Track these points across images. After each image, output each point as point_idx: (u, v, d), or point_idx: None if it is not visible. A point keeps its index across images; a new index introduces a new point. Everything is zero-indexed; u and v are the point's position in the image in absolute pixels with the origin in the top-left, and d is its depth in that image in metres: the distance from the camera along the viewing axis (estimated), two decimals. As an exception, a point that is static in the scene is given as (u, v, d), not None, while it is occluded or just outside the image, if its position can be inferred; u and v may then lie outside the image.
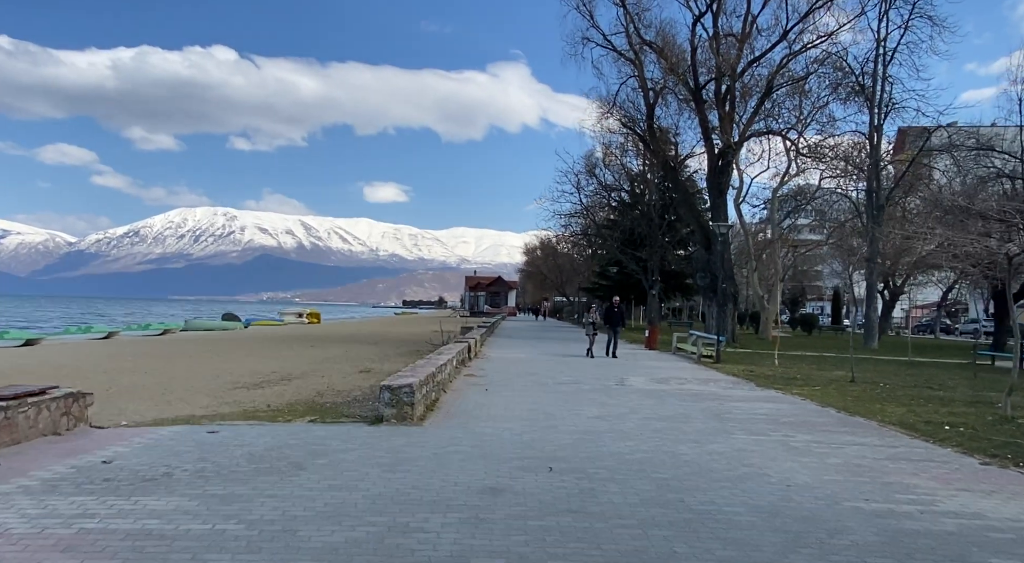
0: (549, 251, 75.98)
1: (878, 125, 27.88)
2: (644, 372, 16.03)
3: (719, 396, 11.89)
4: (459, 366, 14.96)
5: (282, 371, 19.17)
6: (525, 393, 11.58)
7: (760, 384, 13.95)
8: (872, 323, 28.34)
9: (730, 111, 25.76)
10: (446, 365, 12.08)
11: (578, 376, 14.69)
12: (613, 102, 30.98)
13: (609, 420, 8.99)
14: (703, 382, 14.18)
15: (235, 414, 10.59)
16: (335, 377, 17.89)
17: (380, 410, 8.24)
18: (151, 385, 15.54)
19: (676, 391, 12.48)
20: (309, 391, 14.52)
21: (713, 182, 26.41)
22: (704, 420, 9.20)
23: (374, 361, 22.71)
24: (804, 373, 16.67)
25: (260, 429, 7.89)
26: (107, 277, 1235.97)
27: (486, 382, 13.08)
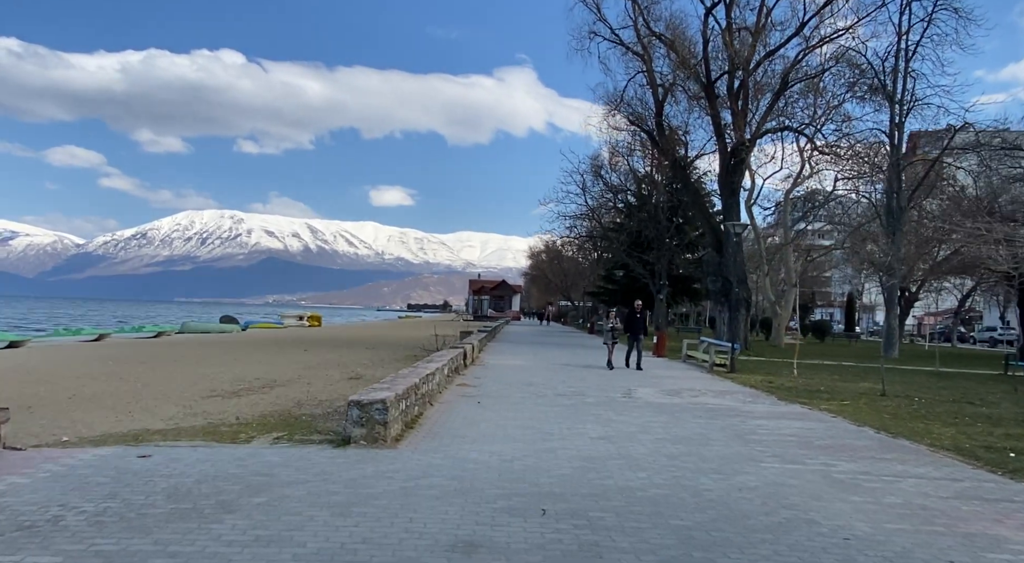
0: (554, 254, 74.72)
1: (899, 122, 26.51)
2: (653, 382, 14.77)
3: (739, 412, 10.62)
4: (452, 375, 13.75)
5: (267, 377, 18.07)
6: (521, 407, 10.35)
7: (782, 397, 12.67)
8: (892, 331, 26.94)
9: (743, 107, 24.51)
10: (434, 374, 10.87)
11: (581, 387, 13.45)
12: (620, 99, 29.81)
13: (616, 442, 7.75)
14: (719, 395, 12.91)
15: (195, 430, 9.45)
16: (320, 384, 16.75)
17: (347, 430, 7.02)
18: (120, 393, 14.43)
19: (690, 405, 11.22)
20: (288, 401, 13.36)
21: (725, 181, 25.14)
22: (726, 442, 7.94)
23: (367, 367, 21.55)
24: (827, 385, 15.37)
25: (203, 453, 6.68)
26: (114, 279, 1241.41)
27: (480, 393, 11.86)
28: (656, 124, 28.10)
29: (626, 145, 35.83)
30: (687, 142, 30.28)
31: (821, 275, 74.56)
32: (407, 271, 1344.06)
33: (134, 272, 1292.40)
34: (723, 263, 25.29)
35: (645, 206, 42.77)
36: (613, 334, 18.23)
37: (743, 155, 24.29)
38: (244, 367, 21.08)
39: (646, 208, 42.54)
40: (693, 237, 42.93)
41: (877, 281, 51.10)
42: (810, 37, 25.39)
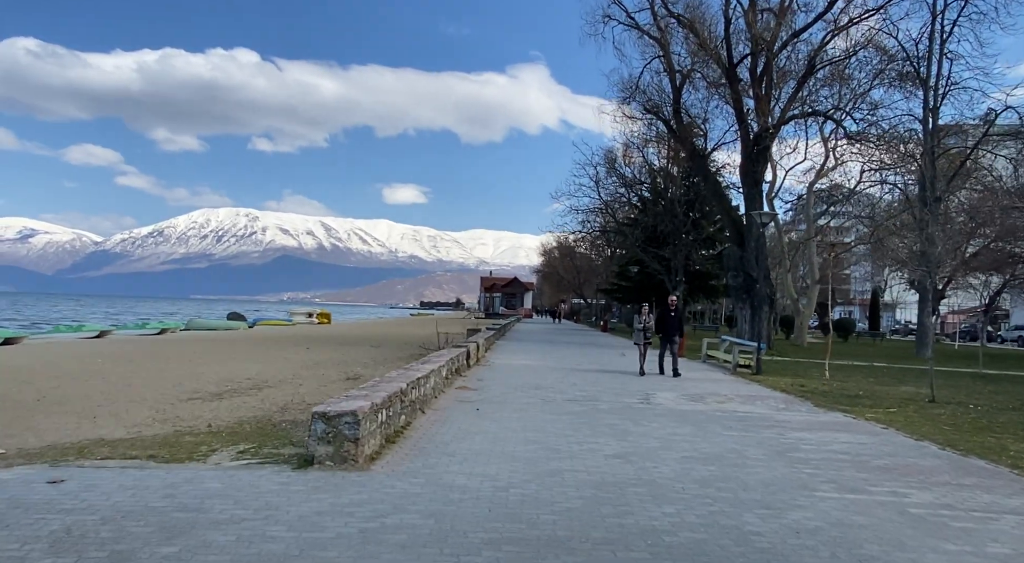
0: (566, 251, 73.34)
1: (934, 107, 24.91)
2: (674, 386, 13.47)
3: (774, 421, 9.30)
4: (451, 376, 12.54)
5: (259, 377, 17.01)
6: (525, 415, 9.11)
7: (819, 404, 11.32)
8: (926, 329, 25.31)
9: (767, 92, 23.05)
10: (428, 377, 9.66)
11: (594, 391, 12.18)
12: (636, 86, 28.39)
13: (635, 461, 6.48)
14: (747, 400, 11.59)
15: (153, 441, 8.35)
16: (314, 385, 15.64)
17: (310, 448, 5.82)
18: (94, 394, 13.38)
19: (717, 413, 9.91)
20: (273, 404, 12.23)
21: (747, 171, 23.70)
22: (767, 462, 6.65)
23: (367, 366, 20.44)
24: (865, 388, 13.99)
25: (131, 477, 5.50)
26: (131, 276, 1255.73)
27: (480, 398, 10.63)
28: (673, 111, 26.69)
29: (641, 136, 34.36)
30: (706, 131, 28.83)
31: (840, 272, 72.57)
32: (420, 269, 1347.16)
33: (151, 269, 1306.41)
34: (745, 257, 23.87)
35: (661, 200, 41.31)
36: (645, 334, 15.39)
37: (767, 142, 22.84)
38: (239, 366, 20.06)
39: (662, 202, 41.08)
40: (710, 232, 41.39)
41: (901, 277, 49.32)
42: (837, 19, 23.88)
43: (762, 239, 23.78)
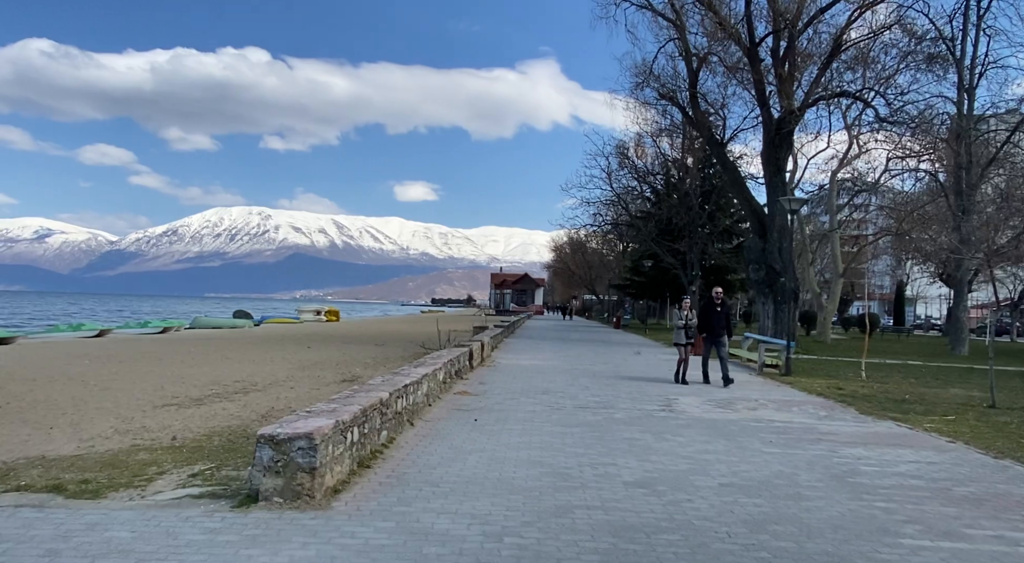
0: (577, 246, 71.95)
1: (969, 87, 23.34)
2: (697, 390, 12.20)
3: (819, 434, 8.01)
4: (450, 380, 11.34)
5: (249, 380, 15.94)
6: (530, 427, 7.88)
7: (864, 410, 10.00)
8: (962, 325, 23.78)
9: (790, 72, 21.60)
10: (420, 383, 8.45)
11: (608, 395, 10.92)
12: (649, 71, 26.99)
13: (662, 492, 5.24)
14: (782, 406, 10.29)
15: (99, 459, 7.30)
16: (306, 388, 14.52)
17: (255, 481, 4.62)
18: (63, 400, 12.32)
19: (751, 423, 8.63)
20: (254, 412, 11.09)
21: (770, 157, 22.27)
22: (826, 492, 5.38)
23: (368, 366, 19.33)
24: (910, 391, 12.64)
25: (16, 521, 4.32)
26: (146, 275, 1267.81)
27: (480, 405, 9.42)
28: (690, 96, 25.27)
29: (653, 123, 32.92)
30: (724, 116, 27.39)
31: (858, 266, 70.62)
32: (431, 266, 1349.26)
33: (165, 268, 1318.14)
34: (767, 249, 22.47)
35: (675, 192, 39.90)
36: (687, 333, 12.95)
37: (790, 126, 21.39)
38: (233, 366, 19.03)
39: (675, 195, 39.67)
40: (727, 224, 39.93)
41: (924, 271, 47.56)
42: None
43: (786, 229, 22.35)
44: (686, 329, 13.02)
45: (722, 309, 13.11)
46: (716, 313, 12.96)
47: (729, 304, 13.58)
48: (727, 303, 13.64)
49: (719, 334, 12.90)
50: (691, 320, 13.04)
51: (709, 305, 13.22)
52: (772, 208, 22.54)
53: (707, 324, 12.98)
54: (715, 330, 12.85)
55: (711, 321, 12.94)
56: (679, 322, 13.11)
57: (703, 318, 13.03)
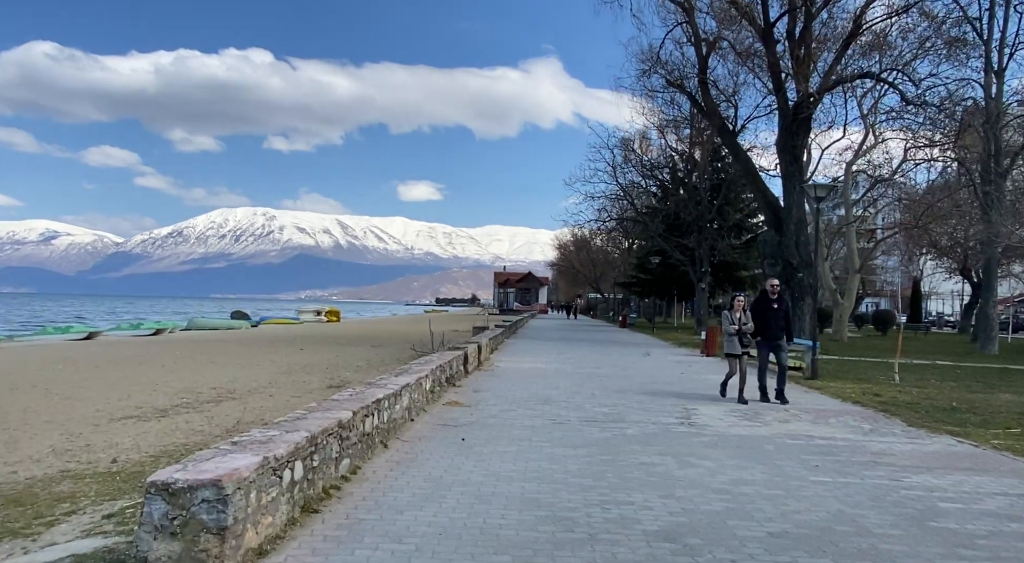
0: (582, 244, 70.61)
1: (999, 69, 21.95)
2: (716, 396, 10.93)
3: (872, 454, 6.74)
4: (440, 387, 10.10)
5: (227, 386, 14.80)
6: (527, 448, 6.63)
7: (912, 422, 8.72)
8: (991, 321, 22.38)
9: (807, 55, 20.27)
10: (400, 395, 7.22)
11: (618, 404, 9.67)
12: (656, 57, 25.74)
13: (696, 548, 3.98)
14: (818, 417, 9.02)
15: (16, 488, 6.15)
16: (286, 395, 13.36)
17: (141, 546, 3.39)
18: (13, 412, 11.20)
19: (787, 440, 7.37)
20: (220, 425, 9.91)
21: (786, 145, 20.94)
22: (910, 544, 4.11)
23: (359, 369, 18.15)
24: (955, 397, 11.33)
25: None
26: (152, 276, 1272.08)
27: (471, 419, 8.18)
28: (699, 82, 23.96)
29: (659, 114, 31.56)
30: (736, 103, 26.07)
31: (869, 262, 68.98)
32: (436, 265, 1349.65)
33: (171, 269, 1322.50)
34: (783, 243, 21.14)
35: (683, 186, 38.56)
36: (742, 340, 10.32)
37: (809, 111, 20.06)
38: (215, 371, 17.90)
39: (684, 188, 38.32)
40: (737, 219, 38.55)
41: (940, 265, 46.08)
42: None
43: (804, 221, 21.05)
44: (740, 335, 10.28)
45: (779, 306, 10.49)
46: (772, 311, 10.40)
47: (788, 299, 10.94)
48: (785, 298, 10.75)
49: (778, 337, 10.48)
50: (746, 324, 10.31)
51: (763, 301, 10.62)
52: (789, 199, 21.22)
53: (762, 325, 10.43)
54: (772, 332, 10.45)
55: (767, 321, 10.42)
56: (731, 327, 10.32)
57: (757, 317, 10.46)
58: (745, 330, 10.28)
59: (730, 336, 10.37)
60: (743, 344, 10.31)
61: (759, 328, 10.42)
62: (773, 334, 10.46)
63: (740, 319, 10.35)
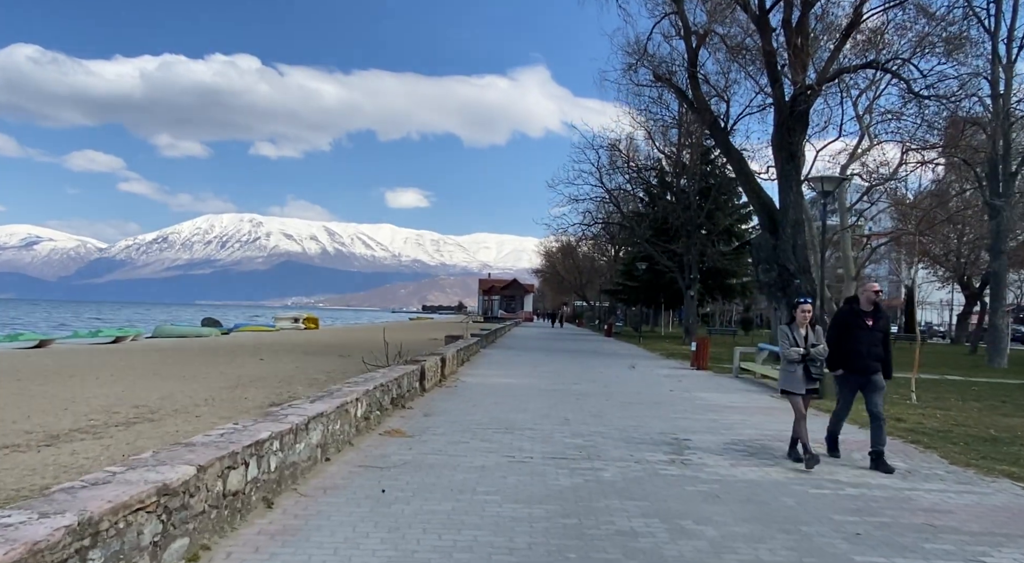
0: (567, 250, 69.09)
1: (1007, 63, 20.66)
2: (712, 420, 9.26)
3: (925, 512, 5.10)
4: (380, 412, 8.36)
5: (155, 404, 12.95)
6: (465, 505, 4.91)
7: (955, 458, 7.10)
8: (1000, 333, 20.95)
9: (804, 44, 18.80)
10: (305, 431, 5.49)
11: (594, 433, 7.97)
12: (643, 50, 24.20)
13: None
14: (849, 461, 7.37)
15: None
16: (216, 417, 11.49)
17: None
18: None
19: (809, 489, 5.71)
20: (110, 457, 8.11)
21: (782, 142, 19.40)
22: None
23: (316, 382, 16.31)
24: (991, 422, 9.74)
25: None
26: (135, 282, 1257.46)
27: (407, 456, 6.44)
28: (689, 76, 22.45)
29: (647, 113, 30.07)
30: (728, 99, 24.58)
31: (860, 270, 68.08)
32: (423, 273, 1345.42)
33: (155, 276, 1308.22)
34: (779, 247, 19.58)
35: (671, 189, 37.11)
36: (811, 371, 6.83)
37: (807, 103, 18.58)
38: (152, 385, 16.02)
39: (672, 192, 36.88)
40: (727, 224, 37.14)
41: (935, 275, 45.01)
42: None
43: (802, 224, 19.53)
44: (807, 363, 6.73)
45: (877, 323, 6.82)
46: (866, 330, 6.75)
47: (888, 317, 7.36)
48: (885, 313, 7.12)
49: (872, 369, 6.73)
50: (816, 346, 6.76)
51: (851, 315, 6.91)
52: (785, 200, 19.66)
53: (849, 350, 6.75)
54: (864, 362, 6.71)
55: (856, 344, 6.72)
56: (793, 351, 6.75)
57: (841, 338, 6.83)
58: (815, 355, 6.73)
59: (790, 362, 6.80)
60: (811, 377, 6.77)
61: (841, 354, 6.81)
62: (865, 365, 6.71)
63: (807, 338, 6.80)
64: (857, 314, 6.90)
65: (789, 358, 6.81)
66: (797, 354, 6.74)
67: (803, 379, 6.78)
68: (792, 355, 6.77)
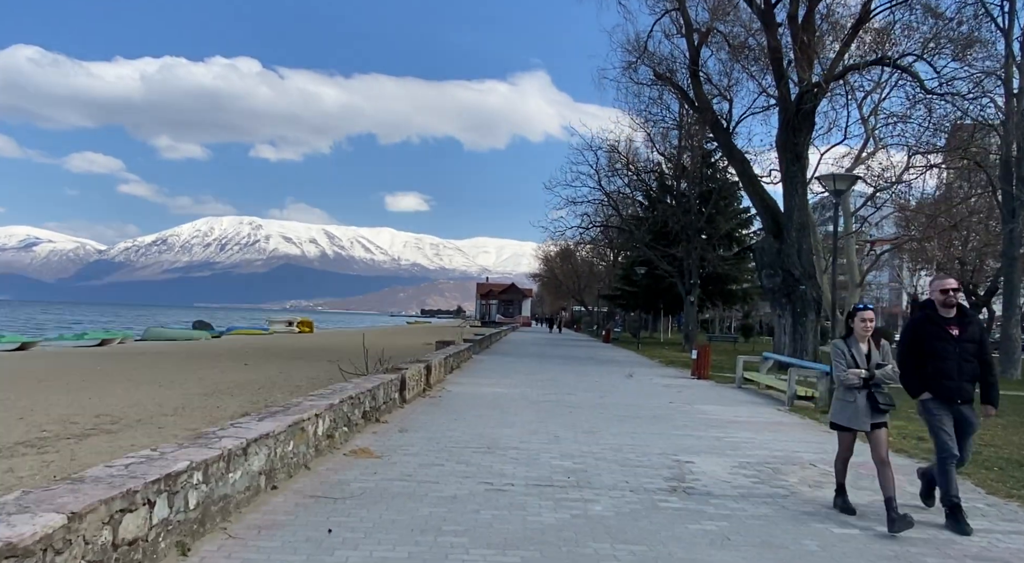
0: (566, 254, 68.29)
1: (1021, 62, 19.94)
2: (716, 438, 8.44)
3: (973, 561, 4.28)
4: (349, 428, 7.53)
5: (119, 414, 12.14)
6: (424, 551, 4.09)
7: (992, 488, 6.28)
8: (1014, 343, 20.15)
9: (810, 40, 18.09)
10: (241, 456, 4.67)
11: (586, 455, 7.14)
12: (644, 48, 23.53)
13: None
14: (858, 478, 6.54)
15: None
16: (181, 428, 10.69)
17: None
18: None
19: (832, 528, 4.89)
20: (47, 474, 7.30)
21: (787, 142, 18.70)
22: None
23: (299, 389, 15.43)
24: (1020, 441, 8.93)
25: None
26: (134, 284, 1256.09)
27: (368, 481, 5.62)
28: (691, 74, 21.76)
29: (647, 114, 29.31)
30: (731, 98, 23.83)
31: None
32: (423, 277, 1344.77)
33: (154, 278, 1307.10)
34: (784, 251, 18.84)
35: (670, 193, 36.34)
36: (876, 398, 5.07)
37: (814, 101, 17.86)
38: (121, 392, 15.19)
39: (671, 195, 36.10)
40: (728, 229, 36.36)
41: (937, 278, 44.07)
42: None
43: (807, 227, 18.79)
44: (870, 388, 5.10)
45: (964, 331, 5.12)
46: (951, 341, 5.06)
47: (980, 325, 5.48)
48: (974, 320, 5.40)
49: (966, 394, 5.11)
50: (886, 363, 5.20)
51: (929, 322, 5.20)
52: (790, 202, 18.95)
53: (935, 370, 5.08)
54: (954, 384, 5.05)
55: (943, 360, 5.06)
56: (852, 374, 5.14)
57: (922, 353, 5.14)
58: (881, 378, 5.08)
59: (846, 389, 5.18)
60: (878, 407, 5.03)
61: (922, 376, 5.11)
62: (958, 387, 5.03)
63: (870, 356, 5.18)
64: (936, 322, 5.12)
65: (847, 383, 5.14)
66: (857, 378, 5.08)
67: (866, 411, 5.05)
68: (851, 379, 5.10)
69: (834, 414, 5.42)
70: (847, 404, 5.22)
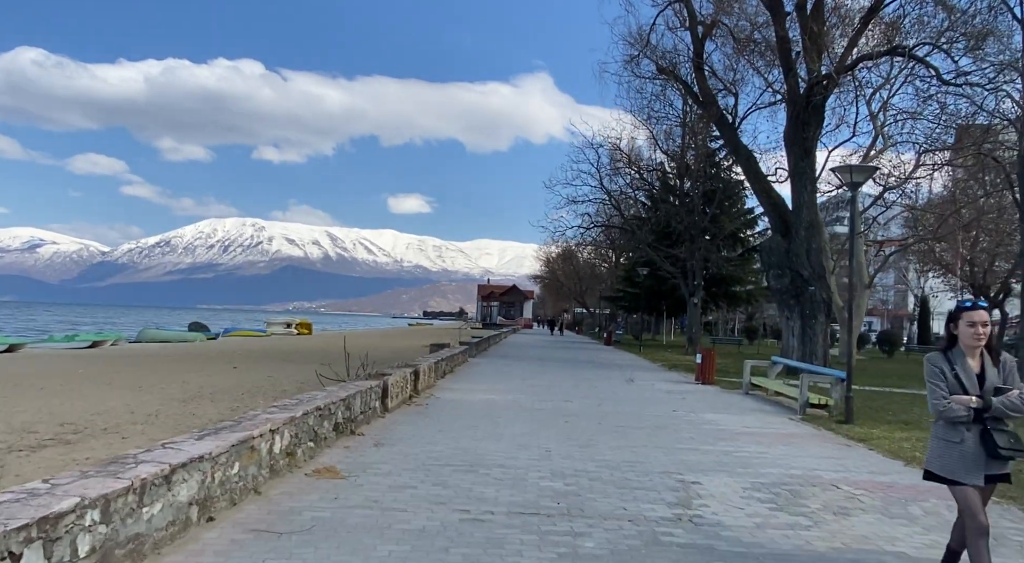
0: (567, 256, 67.51)
1: (1040, 53, 19.17)
2: (724, 453, 7.65)
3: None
4: (315, 443, 6.76)
5: (87, 421, 11.41)
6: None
7: (1044, 515, 5.48)
8: (1033, 346, 19.38)
9: (820, 30, 17.32)
10: (163, 485, 3.91)
11: (579, 474, 6.36)
12: (646, 40, 22.76)
13: None
14: (889, 502, 5.76)
15: None
16: (148, 437, 9.94)
17: None
18: None
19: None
20: None
21: (796, 137, 17.92)
22: None
23: (286, 394, 14.66)
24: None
25: None
26: (137, 286, 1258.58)
27: (324, 511, 4.85)
28: (695, 68, 21.00)
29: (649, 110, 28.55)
30: (736, 92, 23.04)
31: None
32: (425, 279, 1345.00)
33: (157, 279, 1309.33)
34: (792, 251, 18.05)
35: (673, 192, 35.55)
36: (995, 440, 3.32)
37: (823, 94, 17.09)
38: (96, 397, 14.47)
39: (674, 195, 35.31)
40: (732, 229, 35.55)
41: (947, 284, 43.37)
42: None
43: (816, 226, 17.99)
44: (985, 423, 3.38)
45: None
46: None
47: None
48: None
49: None
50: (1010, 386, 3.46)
51: None
52: (798, 200, 18.17)
53: None
54: None
55: None
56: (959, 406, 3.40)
57: None
58: (1002, 408, 3.37)
59: (952, 427, 3.47)
60: (997, 452, 3.35)
61: None
62: None
63: (984, 376, 3.50)
64: None
65: (949, 416, 3.43)
66: (965, 408, 3.38)
67: (978, 456, 3.39)
68: (955, 411, 3.40)
69: (931, 460, 3.58)
70: (950, 446, 3.45)
